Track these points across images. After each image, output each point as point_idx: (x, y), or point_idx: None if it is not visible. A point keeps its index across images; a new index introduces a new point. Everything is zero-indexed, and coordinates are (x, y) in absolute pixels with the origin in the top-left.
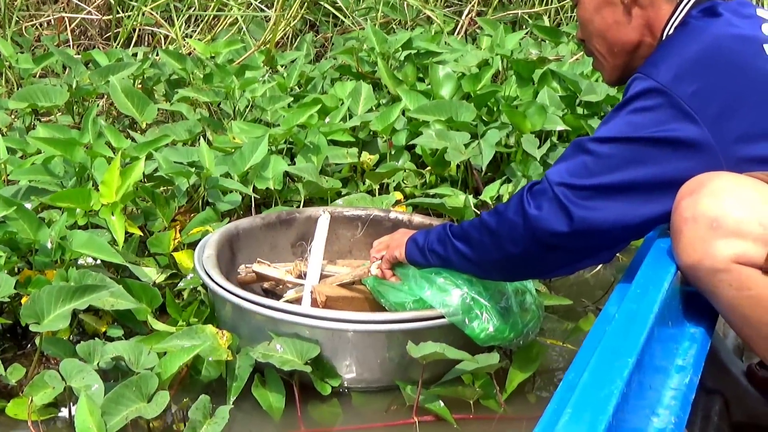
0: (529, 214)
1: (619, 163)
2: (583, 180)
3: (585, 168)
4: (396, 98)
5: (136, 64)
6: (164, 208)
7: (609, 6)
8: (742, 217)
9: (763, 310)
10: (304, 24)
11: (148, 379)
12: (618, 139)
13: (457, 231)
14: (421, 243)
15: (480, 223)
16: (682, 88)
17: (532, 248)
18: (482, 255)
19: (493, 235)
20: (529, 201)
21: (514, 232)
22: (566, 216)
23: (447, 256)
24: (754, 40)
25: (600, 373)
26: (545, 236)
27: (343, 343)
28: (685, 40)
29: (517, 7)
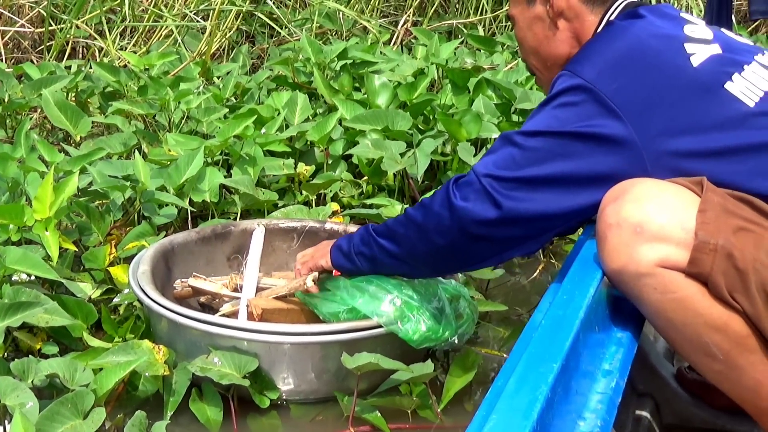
0: (456, 206)
1: (545, 156)
2: (509, 172)
3: (512, 160)
4: (332, 108)
5: (69, 77)
6: (99, 223)
7: (539, 22)
8: (665, 221)
9: (687, 313)
10: (240, 35)
11: (83, 395)
12: (544, 132)
13: (382, 229)
14: (346, 248)
15: (405, 218)
16: (605, 84)
17: (459, 239)
18: (409, 250)
19: (420, 228)
20: (455, 192)
21: (441, 223)
22: (493, 205)
23: (373, 255)
24: (675, 38)
25: (525, 379)
26: (472, 226)
27: (280, 355)
28: (608, 40)
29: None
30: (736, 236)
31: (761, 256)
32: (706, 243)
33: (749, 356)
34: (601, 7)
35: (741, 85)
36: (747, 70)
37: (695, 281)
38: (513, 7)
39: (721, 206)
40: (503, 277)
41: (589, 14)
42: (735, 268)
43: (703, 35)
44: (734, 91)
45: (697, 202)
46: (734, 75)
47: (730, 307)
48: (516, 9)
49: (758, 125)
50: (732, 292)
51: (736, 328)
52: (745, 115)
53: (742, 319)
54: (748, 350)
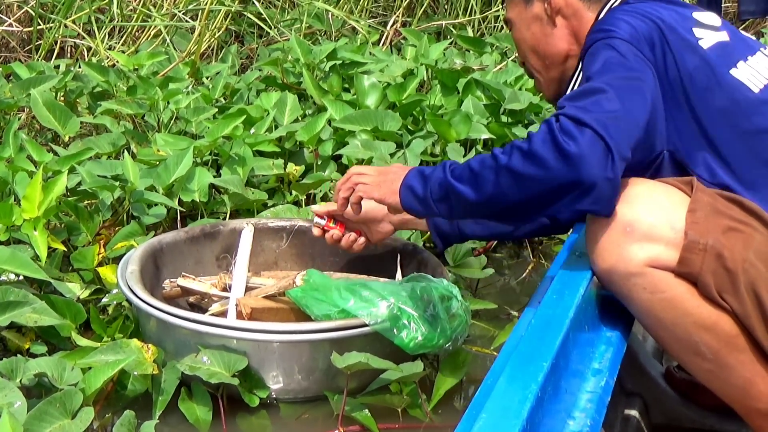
0: (572, 154)
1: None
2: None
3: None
4: (322, 108)
5: (57, 76)
6: (88, 223)
7: (537, 21)
8: (655, 221)
9: (676, 312)
10: (229, 35)
11: (71, 395)
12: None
13: (465, 174)
14: (421, 192)
15: (496, 164)
16: (640, 45)
17: (569, 188)
18: (499, 199)
19: (519, 176)
20: (566, 140)
21: (550, 173)
22: (608, 152)
23: (455, 203)
24: (686, 19)
25: (515, 378)
26: (590, 175)
27: (269, 354)
28: (626, 13)
29: (441, 18)
30: (725, 236)
31: (750, 256)
32: (696, 243)
33: (738, 355)
34: (598, 4)
35: (746, 72)
36: (751, 59)
37: (685, 281)
38: (510, 11)
39: (710, 206)
40: (493, 276)
41: (587, 11)
42: (724, 268)
43: (712, 22)
44: (740, 77)
45: (687, 202)
46: (739, 62)
47: (720, 307)
48: (513, 11)
49: (762, 111)
50: (721, 292)
51: (725, 328)
52: (750, 100)
53: (731, 319)
54: (738, 349)
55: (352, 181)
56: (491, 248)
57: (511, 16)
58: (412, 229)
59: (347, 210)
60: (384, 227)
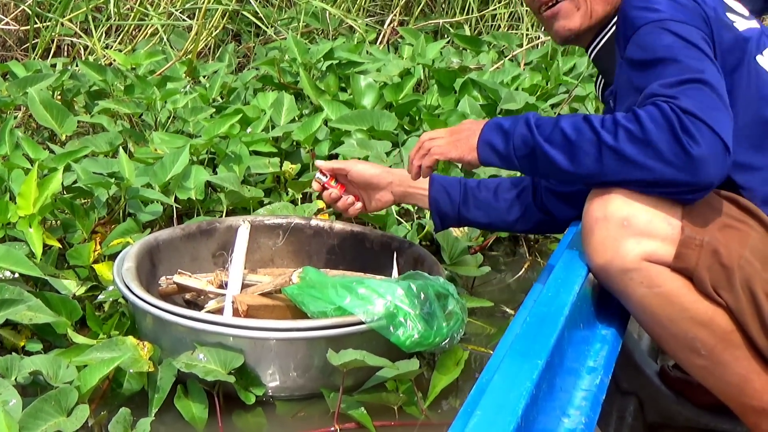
0: (694, 156)
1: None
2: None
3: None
4: (318, 108)
5: (55, 75)
6: (84, 220)
7: None
8: (651, 216)
9: (673, 308)
10: (226, 34)
11: (67, 392)
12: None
13: (555, 137)
14: (503, 148)
15: (596, 138)
16: (699, 24)
17: (675, 177)
18: (590, 170)
19: (620, 156)
20: (689, 142)
21: (664, 165)
22: (725, 150)
23: (539, 163)
24: (719, 2)
25: (509, 376)
26: (707, 176)
27: (266, 351)
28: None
29: (438, 17)
30: (721, 233)
31: (746, 253)
32: (692, 238)
33: (734, 351)
34: None
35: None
36: None
37: (681, 276)
38: None
39: (707, 203)
40: (489, 274)
41: None
42: (720, 264)
43: (742, 10)
44: (764, 65)
45: None
46: (765, 50)
47: (715, 303)
48: None
49: None
50: (717, 288)
51: (721, 324)
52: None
53: (726, 315)
54: (733, 346)
55: (426, 147)
56: (487, 246)
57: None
58: (412, 204)
59: (426, 172)
60: (384, 196)
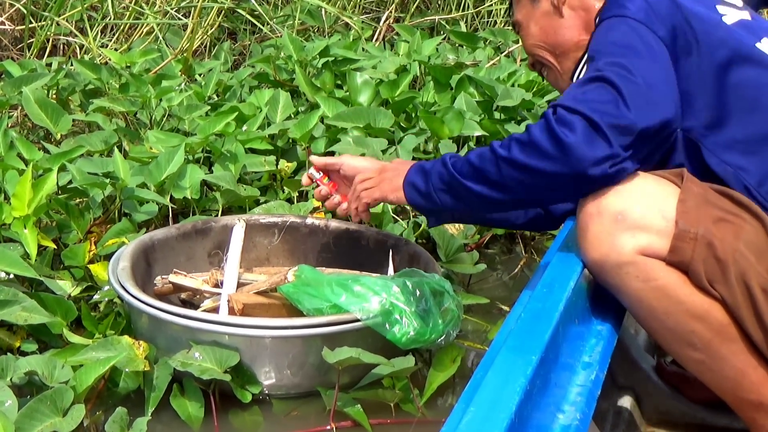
0: (566, 143)
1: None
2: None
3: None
4: (314, 105)
5: (50, 74)
6: (79, 220)
7: (545, 16)
8: (646, 210)
9: (668, 301)
10: (222, 32)
11: (62, 392)
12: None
13: (466, 169)
14: (424, 187)
15: (494, 157)
16: (656, 27)
17: (570, 177)
18: (504, 191)
19: (520, 167)
20: (563, 130)
21: (548, 162)
22: (607, 143)
23: (458, 196)
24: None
25: (503, 372)
26: (587, 165)
27: (261, 349)
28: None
29: (434, 13)
30: (716, 226)
31: (741, 246)
32: (687, 232)
33: (730, 345)
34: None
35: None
36: None
37: (676, 270)
38: (518, 12)
39: (701, 197)
40: (485, 272)
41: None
42: (715, 257)
43: (734, 1)
44: (765, 50)
45: (677, 192)
46: (763, 38)
47: (711, 296)
48: (521, 13)
49: None
50: (712, 281)
51: (716, 317)
52: None
53: (722, 308)
54: (729, 339)
55: (358, 190)
56: (483, 244)
57: (519, 18)
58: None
59: (363, 216)
60: None
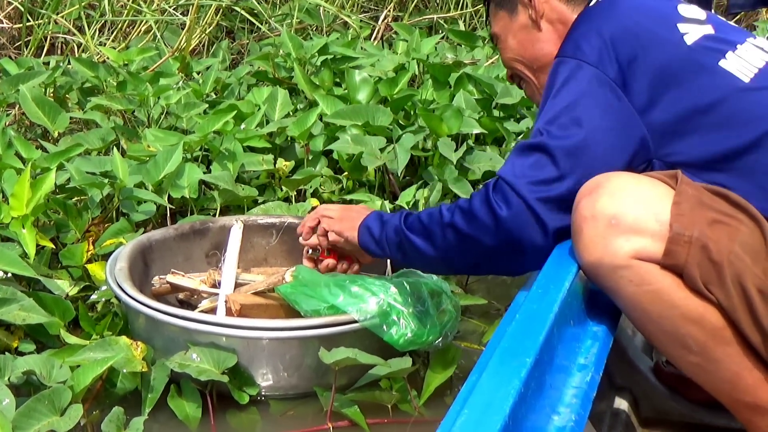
0: (501, 217)
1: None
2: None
3: (546, 171)
4: (313, 103)
5: (47, 72)
6: (77, 220)
7: (522, 29)
8: (640, 214)
9: (663, 305)
10: (220, 30)
11: (60, 392)
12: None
13: (416, 225)
14: (377, 234)
15: (441, 220)
16: (607, 67)
17: (503, 249)
18: (444, 253)
19: (459, 234)
20: (499, 204)
21: (485, 233)
22: (541, 228)
23: (404, 250)
24: (668, 17)
25: (498, 374)
26: (519, 242)
27: (259, 351)
28: (600, 17)
29: (432, 12)
30: (711, 228)
31: (736, 248)
32: (681, 235)
33: (726, 348)
34: (582, 4)
35: (735, 62)
36: (740, 48)
37: (671, 273)
38: (495, 25)
39: (695, 199)
40: None
41: (570, 13)
42: (710, 260)
43: (696, 15)
44: (729, 68)
45: (672, 194)
46: (728, 53)
47: (706, 299)
48: (498, 25)
49: (754, 99)
50: (707, 284)
51: (712, 320)
52: (741, 89)
53: (717, 311)
54: (725, 342)
55: (319, 214)
56: None
57: (497, 30)
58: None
59: (320, 240)
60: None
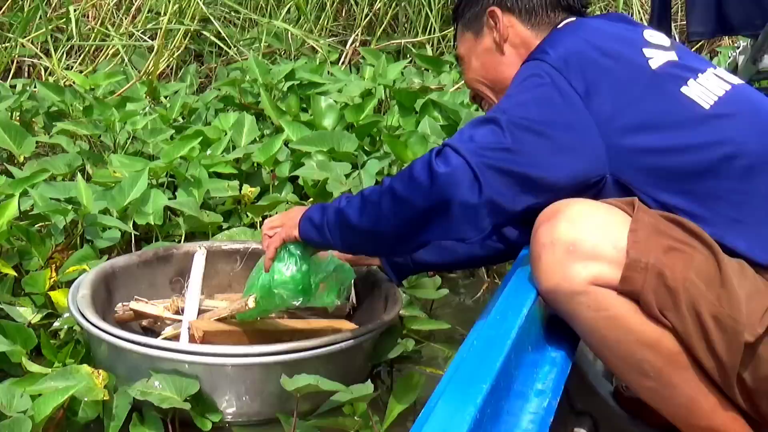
0: (439, 173)
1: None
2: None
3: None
4: (279, 129)
5: (13, 96)
6: (40, 247)
7: (487, 52)
8: (597, 241)
9: (620, 330)
10: (189, 54)
11: (21, 422)
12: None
13: (355, 201)
14: (319, 221)
15: (380, 187)
16: (571, 75)
17: (437, 209)
18: (377, 218)
19: (395, 195)
20: (438, 162)
21: (420, 192)
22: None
23: (343, 231)
24: (634, 41)
25: (453, 401)
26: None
27: (222, 377)
28: (571, 33)
29: (400, 37)
30: (666, 256)
31: (691, 275)
32: (638, 261)
33: (682, 373)
34: (546, 29)
35: (696, 89)
36: (701, 77)
37: (627, 299)
38: (461, 47)
39: (652, 226)
40: (448, 297)
41: (534, 38)
42: (665, 286)
43: (661, 41)
44: (690, 95)
45: (629, 221)
46: (690, 80)
47: (662, 325)
48: (464, 47)
49: (713, 125)
50: (663, 310)
51: (667, 346)
52: (701, 116)
53: (673, 337)
54: (680, 367)
55: (266, 227)
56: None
57: (462, 51)
58: (366, 265)
59: (268, 247)
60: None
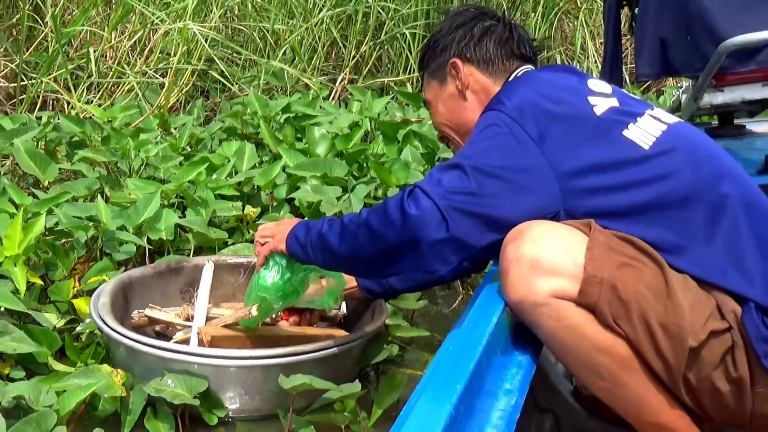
0: (410, 215)
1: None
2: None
3: (463, 187)
4: (277, 156)
5: (39, 127)
6: (64, 259)
7: (450, 98)
8: (558, 258)
9: (578, 337)
10: (196, 90)
11: (47, 415)
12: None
13: (336, 224)
14: (303, 240)
15: (358, 218)
16: (525, 121)
17: (408, 248)
18: (354, 248)
19: (371, 230)
20: (410, 204)
21: (393, 228)
22: (445, 228)
23: (324, 253)
24: (579, 90)
25: (431, 399)
26: (423, 240)
27: (227, 377)
28: (523, 84)
29: (384, 76)
30: (619, 271)
31: (641, 288)
32: (594, 276)
33: (633, 375)
34: (503, 76)
35: (636, 132)
36: (640, 120)
37: (585, 310)
38: (428, 92)
39: (606, 244)
40: (427, 306)
41: (492, 85)
42: (618, 298)
43: (604, 89)
44: (631, 137)
45: (586, 240)
46: (630, 124)
47: (615, 333)
48: (430, 93)
49: (652, 163)
50: (616, 319)
51: (620, 351)
52: (642, 156)
53: (625, 343)
54: (632, 370)
55: (259, 235)
56: None
57: (429, 97)
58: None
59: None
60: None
